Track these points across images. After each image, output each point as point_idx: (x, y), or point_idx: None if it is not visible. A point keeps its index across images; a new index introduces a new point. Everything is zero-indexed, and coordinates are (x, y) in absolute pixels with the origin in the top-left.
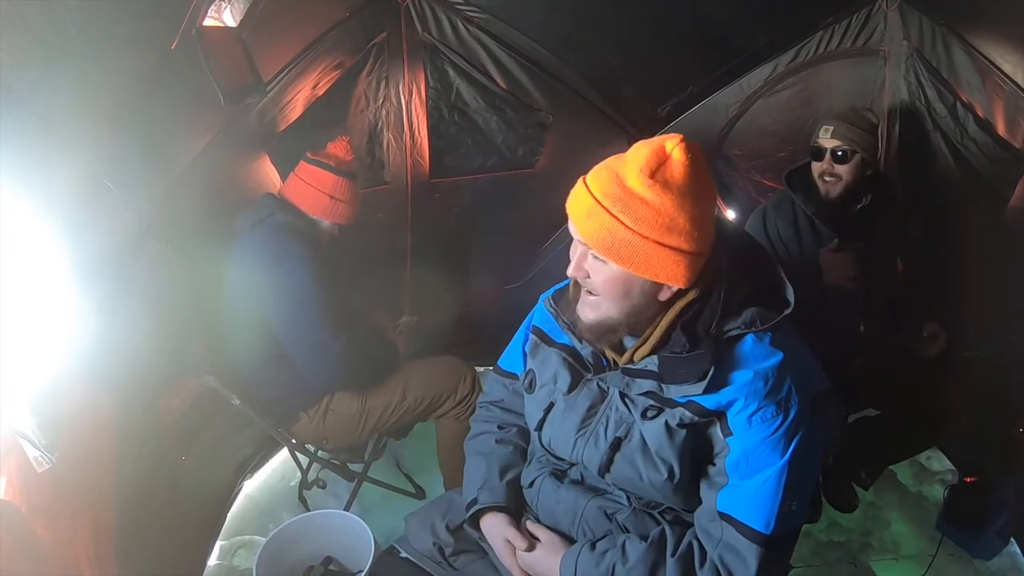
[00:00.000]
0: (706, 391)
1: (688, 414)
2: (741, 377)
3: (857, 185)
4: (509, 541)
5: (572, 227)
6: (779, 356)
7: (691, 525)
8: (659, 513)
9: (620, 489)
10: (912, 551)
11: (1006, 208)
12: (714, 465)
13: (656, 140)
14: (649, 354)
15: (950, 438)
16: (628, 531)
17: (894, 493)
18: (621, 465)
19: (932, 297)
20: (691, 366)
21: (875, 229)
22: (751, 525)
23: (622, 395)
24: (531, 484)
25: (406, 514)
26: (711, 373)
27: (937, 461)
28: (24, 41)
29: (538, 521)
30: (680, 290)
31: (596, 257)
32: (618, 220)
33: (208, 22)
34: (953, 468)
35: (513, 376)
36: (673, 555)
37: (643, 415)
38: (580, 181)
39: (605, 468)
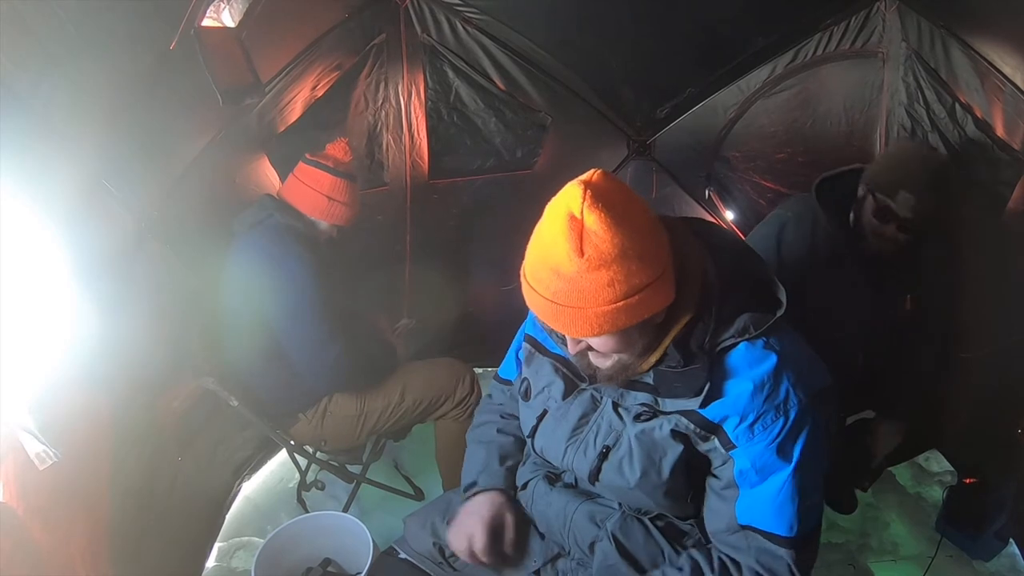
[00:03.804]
0: (702, 405)
1: (685, 421)
2: (736, 387)
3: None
4: (493, 519)
5: (544, 321)
6: (772, 359)
7: (683, 532)
8: (650, 520)
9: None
10: (911, 552)
11: (1005, 209)
12: (717, 478)
13: (560, 209)
14: (647, 370)
15: (949, 439)
16: (616, 538)
17: (893, 494)
18: (609, 473)
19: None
20: (687, 381)
21: (896, 278)
22: (776, 532)
23: (615, 404)
24: (524, 486)
25: (405, 515)
26: (707, 388)
27: (936, 462)
28: (24, 41)
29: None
30: (675, 306)
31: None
32: (583, 309)
33: (207, 22)
34: (952, 469)
35: (511, 383)
36: (713, 571)
37: (636, 418)
38: (523, 279)
39: (594, 476)
